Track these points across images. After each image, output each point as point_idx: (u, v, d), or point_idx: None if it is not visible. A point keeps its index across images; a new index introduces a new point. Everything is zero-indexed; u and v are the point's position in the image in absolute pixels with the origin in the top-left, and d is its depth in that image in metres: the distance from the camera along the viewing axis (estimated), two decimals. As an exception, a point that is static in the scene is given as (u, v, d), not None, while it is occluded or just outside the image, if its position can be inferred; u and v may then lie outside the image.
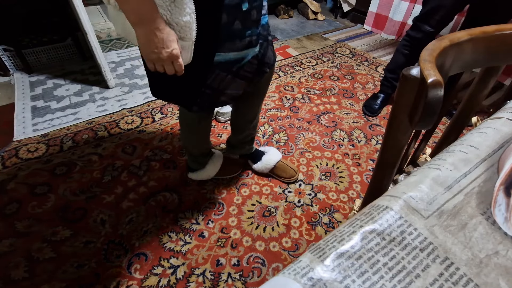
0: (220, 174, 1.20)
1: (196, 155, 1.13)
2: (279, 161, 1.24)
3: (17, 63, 1.84)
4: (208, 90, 0.75)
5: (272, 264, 0.97)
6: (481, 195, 0.32)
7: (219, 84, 0.75)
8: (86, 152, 1.33)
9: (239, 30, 0.69)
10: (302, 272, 0.25)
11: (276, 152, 1.25)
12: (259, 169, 1.24)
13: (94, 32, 1.57)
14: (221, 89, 0.76)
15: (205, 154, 1.14)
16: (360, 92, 1.83)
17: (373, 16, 2.63)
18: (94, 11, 2.34)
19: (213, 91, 0.76)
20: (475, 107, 0.64)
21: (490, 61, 0.51)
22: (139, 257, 0.97)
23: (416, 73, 0.38)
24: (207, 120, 1.00)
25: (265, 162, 1.22)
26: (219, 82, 0.74)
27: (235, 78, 0.77)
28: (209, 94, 0.76)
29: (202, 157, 1.14)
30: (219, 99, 0.80)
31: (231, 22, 0.67)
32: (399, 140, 0.47)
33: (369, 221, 0.29)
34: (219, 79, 0.74)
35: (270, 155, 1.23)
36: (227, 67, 0.73)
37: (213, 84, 0.74)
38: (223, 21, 0.65)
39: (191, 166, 1.17)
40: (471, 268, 0.26)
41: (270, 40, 0.86)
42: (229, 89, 0.78)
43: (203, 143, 1.09)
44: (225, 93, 0.78)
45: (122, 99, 1.69)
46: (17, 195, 1.14)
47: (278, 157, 1.24)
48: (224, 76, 0.74)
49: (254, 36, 0.74)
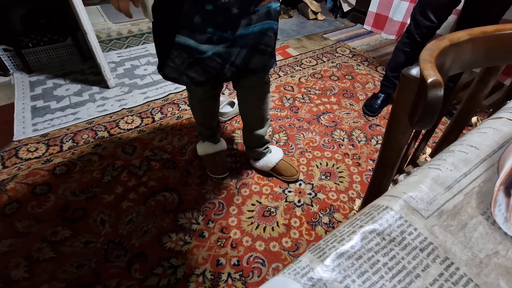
0: (205, 163, 1.27)
1: (199, 123, 1.20)
2: (281, 160, 1.24)
3: (17, 63, 1.84)
4: (172, 63, 0.84)
5: (272, 264, 0.97)
6: (481, 195, 0.31)
7: (181, 63, 0.83)
8: (86, 152, 1.33)
9: (199, 24, 0.77)
10: (302, 272, 0.25)
11: (278, 150, 1.26)
12: (261, 167, 1.24)
13: (94, 32, 1.57)
14: (182, 69, 0.84)
15: (206, 128, 1.20)
16: (360, 92, 1.83)
17: (373, 16, 2.63)
18: (94, 11, 2.34)
19: (176, 67, 0.84)
20: (475, 107, 0.64)
21: (490, 61, 0.51)
22: (139, 257, 0.97)
23: (416, 73, 0.38)
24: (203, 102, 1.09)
25: (267, 160, 1.22)
26: (181, 61, 0.83)
27: (195, 65, 0.84)
28: (172, 67, 0.84)
29: (203, 129, 1.21)
30: (181, 77, 0.87)
31: (192, 14, 0.75)
32: (399, 140, 0.47)
33: (369, 221, 0.29)
34: (181, 58, 0.82)
35: (273, 154, 1.23)
36: (188, 51, 0.81)
37: (176, 61, 0.83)
38: (184, 9, 0.74)
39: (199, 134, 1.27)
40: (471, 268, 0.26)
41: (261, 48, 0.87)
42: (190, 71, 0.85)
43: (200, 118, 1.17)
44: (187, 74, 0.86)
45: (122, 99, 1.69)
46: (17, 195, 1.14)
47: (280, 155, 1.24)
48: (185, 58, 0.82)
49: (216, 36, 0.79)
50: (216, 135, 1.24)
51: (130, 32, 2.21)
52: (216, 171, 1.24)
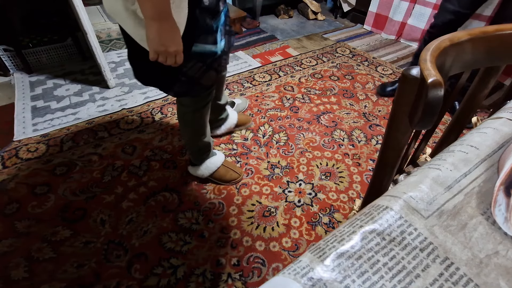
0: (215, 176, 1.20)
1: (195, 151, 1.14)
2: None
3: (17, 63, 1.84)
4: (184, 78, 0.83)
5: (272, 264, 0.97)
6: (481, 195, 0.32)
7: (195, 73, 0.83)
8: (86, 152, 1.33)
9: (210, 25, 0.79)
10: (302, 272, 0.25)
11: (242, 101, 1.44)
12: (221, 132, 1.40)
13: (94, 32, 1.57)
14: (196, 78, 0.85)
15: (203, 151, 1.15)
16: (360, 92, 1.83)
17: (373, 16, 2.63)
18: (94, 11, 2.34)
19: (188, 79, 0.84)
20: (475, 107, 0.64)
21: (490, 61, 0.51)
22: (139, 257, 0.97)
23: (416, 73, 0.38)
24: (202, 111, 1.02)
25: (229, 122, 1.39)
26: (195, 71, 0.83)
27: (209, 70, 0.85)
28: (184, 81, 0.84)
29: (200, 153, 1.15)
30: (193, 88, 0.88)
31: (203, 18, 0.76)
32: (399, 140, 0.47)
33: (369, 221, 0.29)
34: (195, 69, 0.82)
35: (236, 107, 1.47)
36: (203, 58, 0.82)
37: (190, 73, 0.82)
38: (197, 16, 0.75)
39: (191, 159, 1.20)
40: (471, 268, 0.26)
41: (231, 30, 0.94)
42: (203, 79, 0.86)
43: (201, 136, 1.09)
44: (200, 83, 0.87)
45: (122, 99, 1.69)
46: (17, 195, 1.14)
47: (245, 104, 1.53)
48: (200, 67, 0.83)
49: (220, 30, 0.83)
50: (212, 151, 1.21)
51: (130, 32, 2.21)
52: (236, 173, 1.22)
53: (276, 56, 2.22)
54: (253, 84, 1.87)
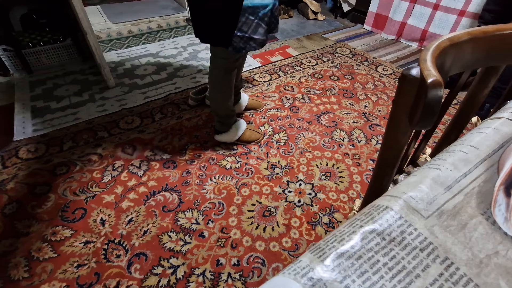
0: (242, 138, 1.37)
1: (222, 116, 1.28)
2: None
3: (17, 63, 1.84)
4: (240, 33, 0.94)
5: (272, 264, 0.97)
6: (481, 195, 0.31)
7: (248, 28, 0.93)
8: (86, 152, 1.33)
9: None
10: (302, 272, 0.25)
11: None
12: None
13: (94, 32, 1.57)
14: (250, 33, 0.94)
15: (230, 115, 1.30)
16: (360, 92, 1.83)
17: (373, 16, 2.63)
18: (94, 11, 2.34)
19: (243, 34, 0.94)
20: (475, 107, 0.64)
21: (490, 61, 0.51)
22: (139, 257, 0.97)
23: (416, 73, 0.38)
24: (231, 73, 1.16)
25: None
26: (248, 26, 0.93)
27: (261, 23, 0.94)
28: (241, 37, 0.95)
29: (227, 118, 1.30)
30: (249, 43, 0.97)
31: None
32: (399, 140, 0.47)
33: (369, 221, 0.29)
34: (248, 24, 0.92)
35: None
36: (253, 11, 0.91)
37: (244, 28, 0.93)
38: None
39: (218, 128, 1.34)
40: (471, 268, 0.26)
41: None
42: (256, 34, 0.95)
43: (228, 99, 1.23)
44: (254, 38, 0.96)
45: (122, 99, 1.69)
46: (17, 195, 1.14)
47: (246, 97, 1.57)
48: (252, 21, 0.92)
49: None
50: (235, 117, 1.37)
51: (130, 32, 2.21)
52: (259, 133, 1.41)
53: (276, 56, 2.22)
54: (253, 84, 1.87)
